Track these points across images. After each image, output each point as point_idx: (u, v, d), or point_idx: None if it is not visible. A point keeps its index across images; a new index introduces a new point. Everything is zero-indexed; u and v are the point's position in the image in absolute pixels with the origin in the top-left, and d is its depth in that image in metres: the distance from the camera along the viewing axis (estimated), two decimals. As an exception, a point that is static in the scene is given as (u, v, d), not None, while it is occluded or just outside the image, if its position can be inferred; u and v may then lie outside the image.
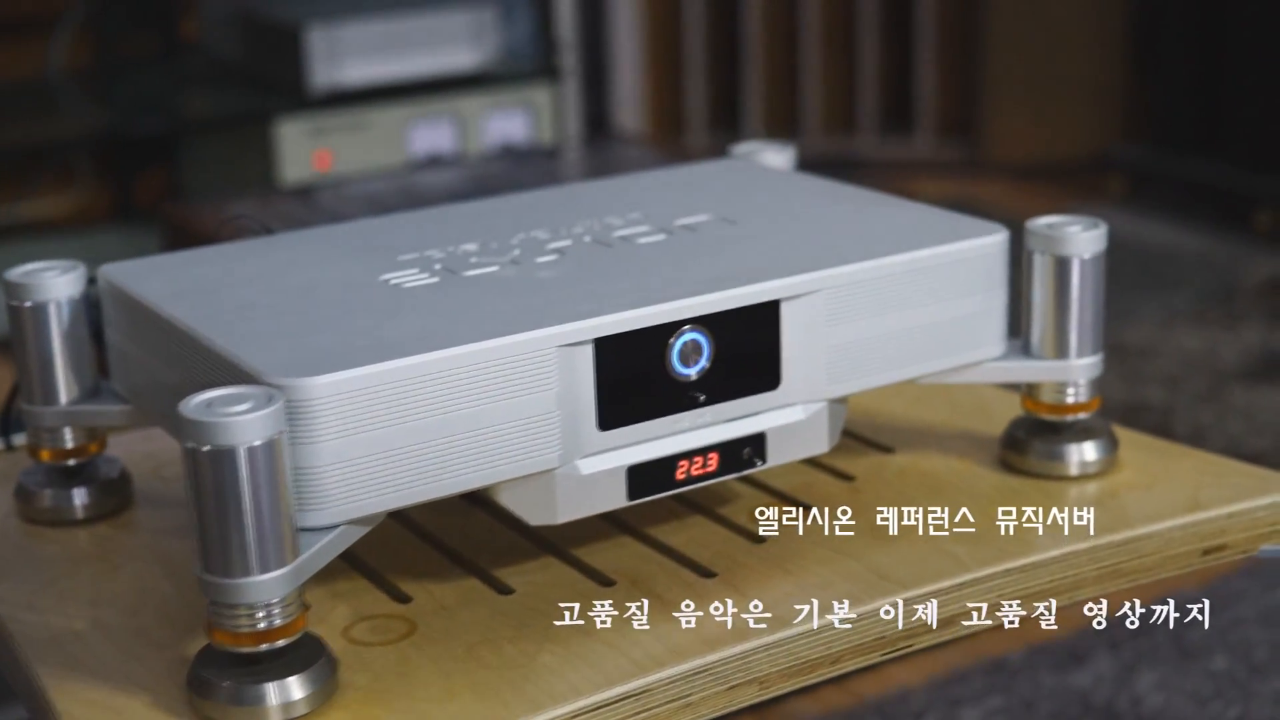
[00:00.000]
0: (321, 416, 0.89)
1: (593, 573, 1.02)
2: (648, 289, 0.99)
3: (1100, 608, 1.05)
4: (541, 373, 0.94)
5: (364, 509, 0.91)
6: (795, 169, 1.32)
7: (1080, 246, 1.09)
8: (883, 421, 1.22)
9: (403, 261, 1.07)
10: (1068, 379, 1.11)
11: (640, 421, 0.98)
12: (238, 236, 1.23)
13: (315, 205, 1.90)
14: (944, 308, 1.07)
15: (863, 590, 0.98)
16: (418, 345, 0.92)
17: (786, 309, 1.01)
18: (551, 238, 1.10)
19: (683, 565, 1.02)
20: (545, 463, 0.95)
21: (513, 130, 2.63)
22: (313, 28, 2.49)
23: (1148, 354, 2.97)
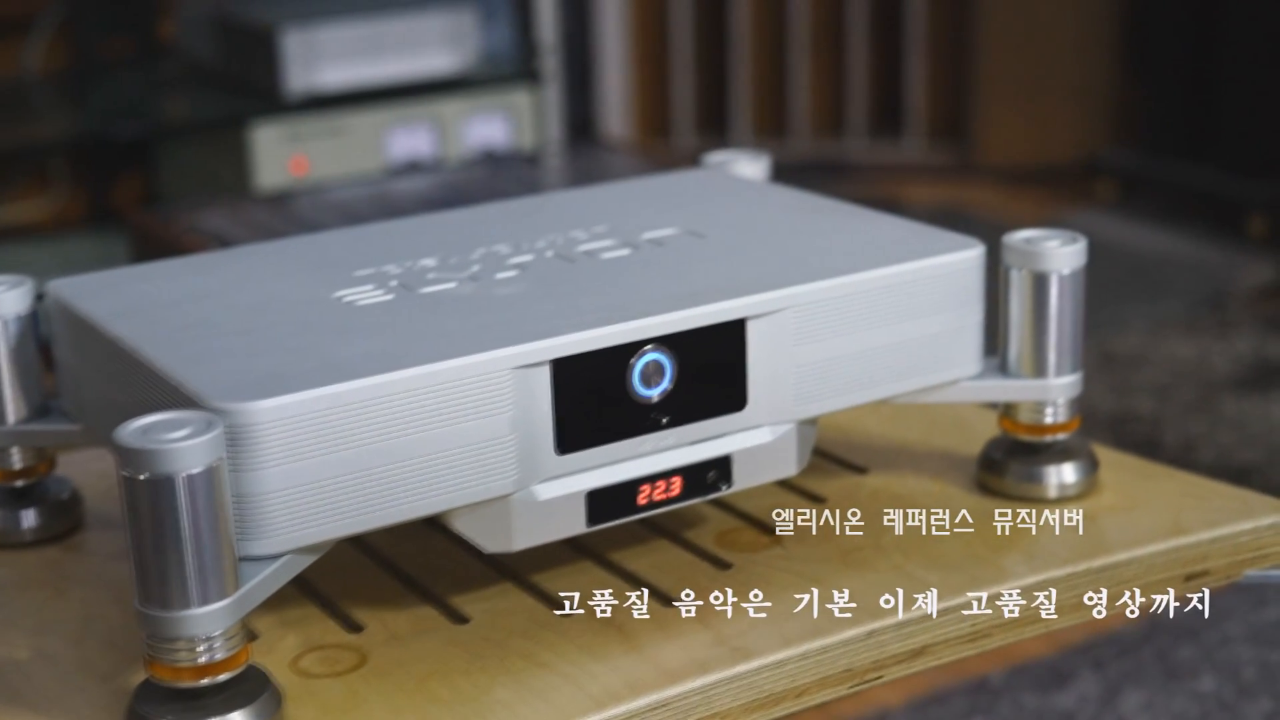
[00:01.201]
0: (265, 442, 0.86)
1: (551, 599, 0.99)
2: (608, 307, 0.96)
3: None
4: (496, 395, 0.91)
5: (310, 537, 0.88)
6: (770, 179, 1.29)
7: (1059, 262, 1.06)
8: (857, 440, 1.19)
9: (358, 277, 1.04)
10: (1046, 399, 1.08)
11: (600, 445, 0.95)
12: (195, 249, 1.20)
13: (287, 213, 1.87)
14: (917, 325, 1.03)
15: (829, 620, 0.95)
16: (366, 368, 0.89)
17: (753, 328, 0.98)
18: (513, 252, 1.07)
19: (644, 591, 0.99)
20: (500, 488, 0.92)
21: (493, 135, 2.59)
22: (288, 30, 2.46)
23: (1137, 363, 2.93)
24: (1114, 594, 1.02)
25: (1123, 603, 1.03)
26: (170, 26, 2.92)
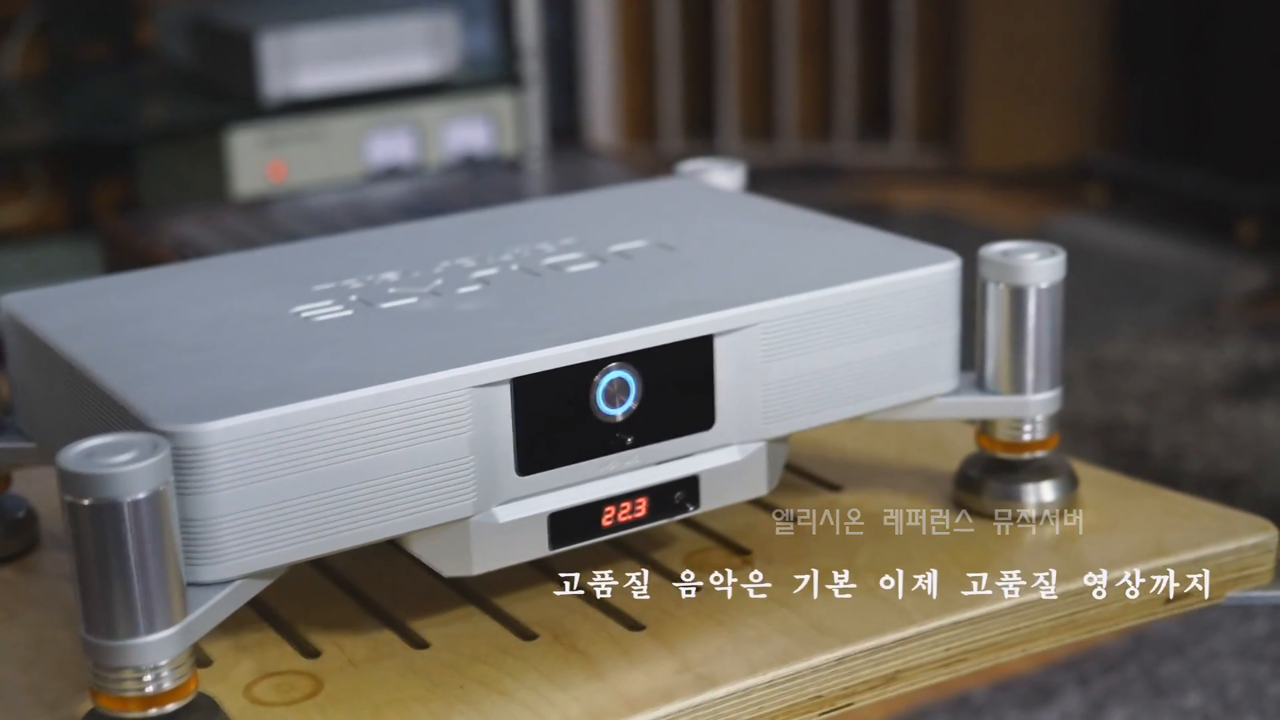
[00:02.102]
0: (214, 465, 0.83)
1: (514, 624, 0.96)
2: (572, 324, 0.93)
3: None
4: (454, 415, 0.88)
5: (262, 562, 0.86)
6: (746, 187, 1.26)
7: (1037, 275, 1.03)
8: (832, 456, 1.16)
9: (318, 292, 1.01)
10: (1024, 415, 1.05)
11: (562, 465, 0.92)
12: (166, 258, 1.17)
13: (262, 221, 1.84)
14: (891, 341, 1.01)
15: (799, 645, 0.92)
16: (320, 387, 0.86)
17: (721, 344, 0.95)
18: (477, 266, 1.04)
19: (610, 617, 0.96)
20: (459, 511, 0.90)
21: (474, 140, 2.57)
22: (266, 34, 2.43)
23: (1125, 370, 2.91)
24: (1093, 617, 1.00)
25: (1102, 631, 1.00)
26: (149, 30, 2.89)
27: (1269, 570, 1.05)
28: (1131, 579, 1.00)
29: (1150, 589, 1.01)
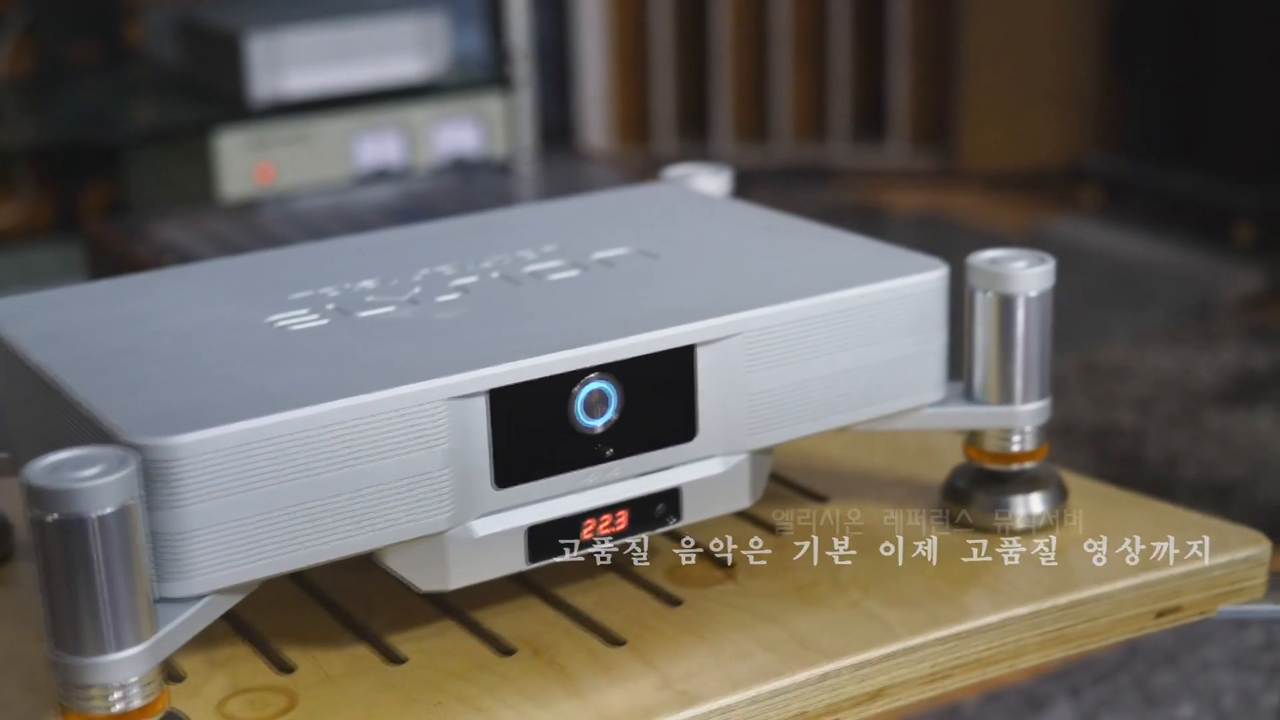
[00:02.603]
0: (185, 478, 0.81)
1: (492, 639, 0.94)
2: (551, 333, 0.92)
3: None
4: (430, 427, 0.86)
5: (233, 578, 0.84)
6: (733, 193, 1.25)
7: (1026, 284, 1.01)
8: (818, 465, 1.15)
9: (294, 300, 0.99)
10: (1012, 426, 1.03)
11: (541, 478, 0.91)
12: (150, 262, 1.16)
13: (247, 225, 1.83)
14: (877, 351, 0.99)
15: (782, 661, 0.91)
16: (292, 399, 0.84)
17: (703, 354, 0.93)
18: (457, 273, 1.03)
19: (590, 631, 0.95)
20: (435, 525, 0.88)
21: (464, 142, 2.55)
22: (253, 36, 2.41)
23: (1120, 374, 2.89)
24: (1082, 632, 0.98)
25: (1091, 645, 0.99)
26: (137, 30, 2.87)
27: (1262, 584, 1.03)
28: (1121, 593, 0.99)
29: (1140, 604, 0.99)
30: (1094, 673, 1.93)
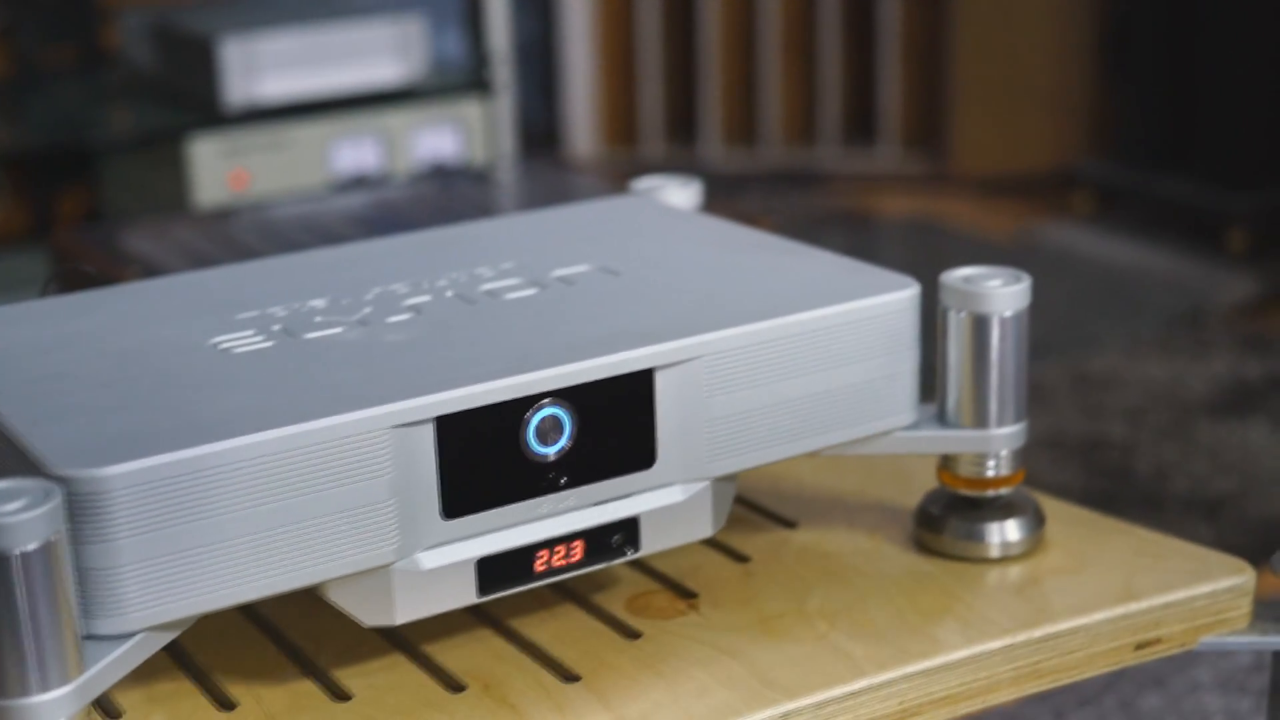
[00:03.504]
0: (115, 511, 0.78)
1: (442, 674, 0.91)
2: (502, 357, 0.88)
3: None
4: (374, 456, 0.83)
5: (166, 614, 0.80)
6: (701, 206, 1.21)
7: (1001, 303, 0.98)
8: (788, 490, 1.11)
9: (240, 321, 0.96)
10: (987, 450, 1.00)
11: (491, 508, 0.87)
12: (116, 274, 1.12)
13: (216, 235, 1.79)
14: (845, 373, 0.95)
15: (742, 699, 0.87)
16: (229, 428, 0.81)
17: (662, 378, 0.90)
18: (411, 292, 0.99)
19: (545, 666, 0.91)
20: (380, 557, 0.84)
21: (443, 148, 2.51)
22: (227, 40, 2.36)
23: (1111, 384, 2.85)
24: (1057, 666, 0.94)
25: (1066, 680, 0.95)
26: (114, 34, 2.83)
27: (1245, 614, 0.99)
28: (1099, 625, 0.95)
29: (1119, 636, 0.96)
30: (1079, 695, 1.89)
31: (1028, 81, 4.19)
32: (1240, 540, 2.09)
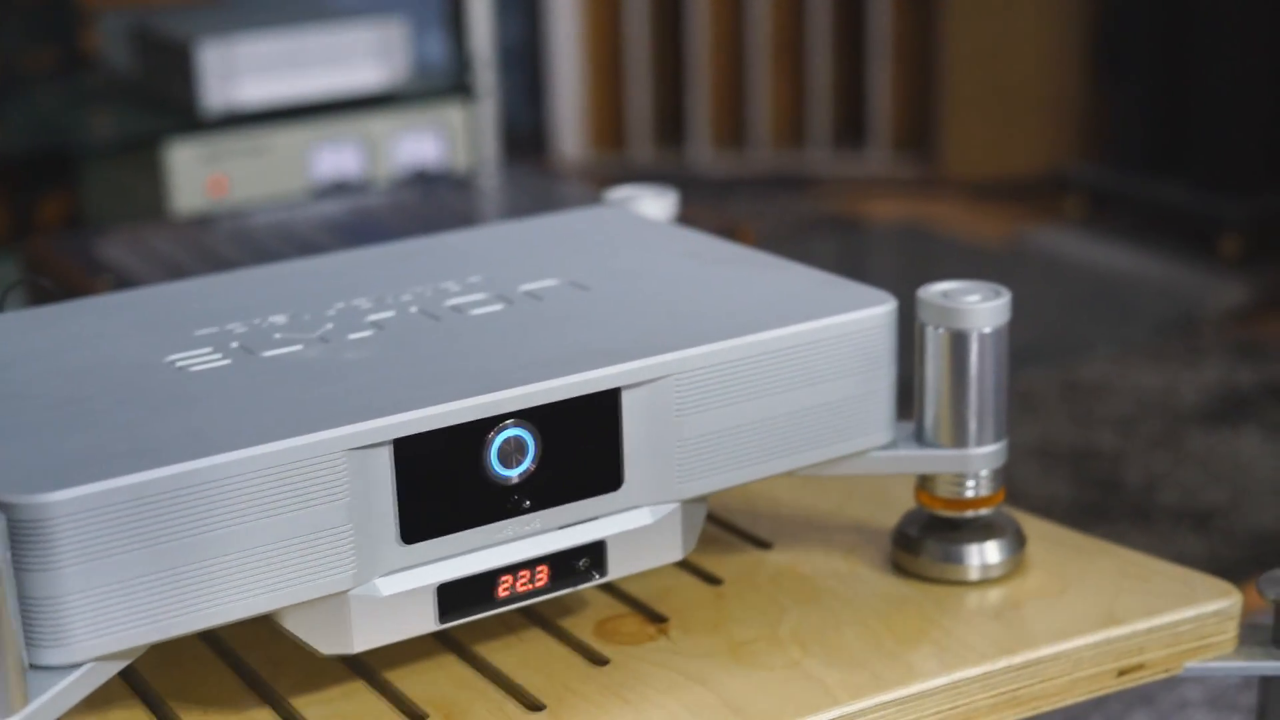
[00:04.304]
0: (59, 538, 0.76)
1: (402, 702, 0.88)
2: (464, 377, 0.85)
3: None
4: (329, 481, 0.80)
5: (114, 644, 0.78)
6: (676, 217, 1.18)
7: (980, 319, 0.95)
8: (763, 509, 1.08)
9: (199, 338, 0.93)
10: (966, 470, 0.97)
11: (451, 533, 0.85)
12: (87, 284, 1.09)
13: (191, 243, 1.76)
14: (819, 392, 0.93)
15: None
16: (180, 451, 0.78)
17: (629, 398, 0.87)
18: (374, 307, 0.97)
19: (509, 694, 0.88)
20: (336, 584, 0.82)
21: (425, 153, 2.48)
22: (205, 44, 2.34)
23: (1101, 392, 2.82)
24: (1037, 693, 0.92)
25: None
26: (94, 37, 2.81)
27: (1231, 639, 0.97)
28: (1080, 650, 0.92)
29: (1100, 661, 0.93)
30: (1067, 713, 1.86)
31: (1019, 85, 4.16)
32: (1230, 553, 2.06)
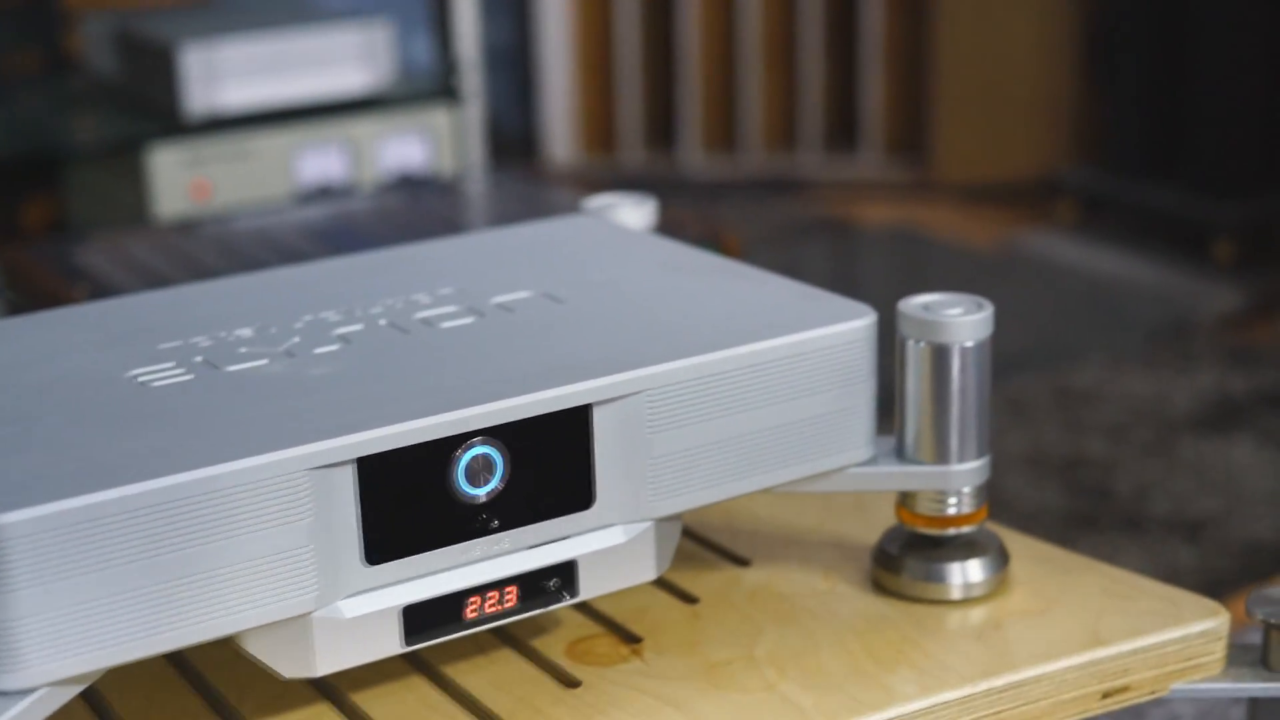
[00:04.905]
0: (12, 561, 0.74)
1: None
2: (431, 393, 0.83)
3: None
4: (291, 500, 0.78)
5: (70, 669, 0.76)
6: (656, 226, 1.16)
7: (962, 333, 0.93)
8: (742, 524, 1.06)
9: (162, 351, 0.91)
10: (947, 487, 0.95)
11: (417, 553, 0.83)
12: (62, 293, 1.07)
13: (169, 249, 1.74)
14: (796, 407, 0.90)
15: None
16: (137, 471, 0.76)
17: (600, 415, 0.85)
18: (343, 320, 0.94)
19: (478, 718, 0.86)
20: (298, 606, 0.80)
21: (411, 157, 2.46)
22: (188, 47, 2.31)
23: (1092, 400, 2.80)
24: (1018, 716, 0.90)
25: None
26: (77, 40, 2.78)
27: (1219, 659, 0.95)
28: (1063, 673, 0.90)
29: (1084, 684, 0.91)
30: None
31: (1011, 88, 4.14)
32: (1222, 564, 2.04)
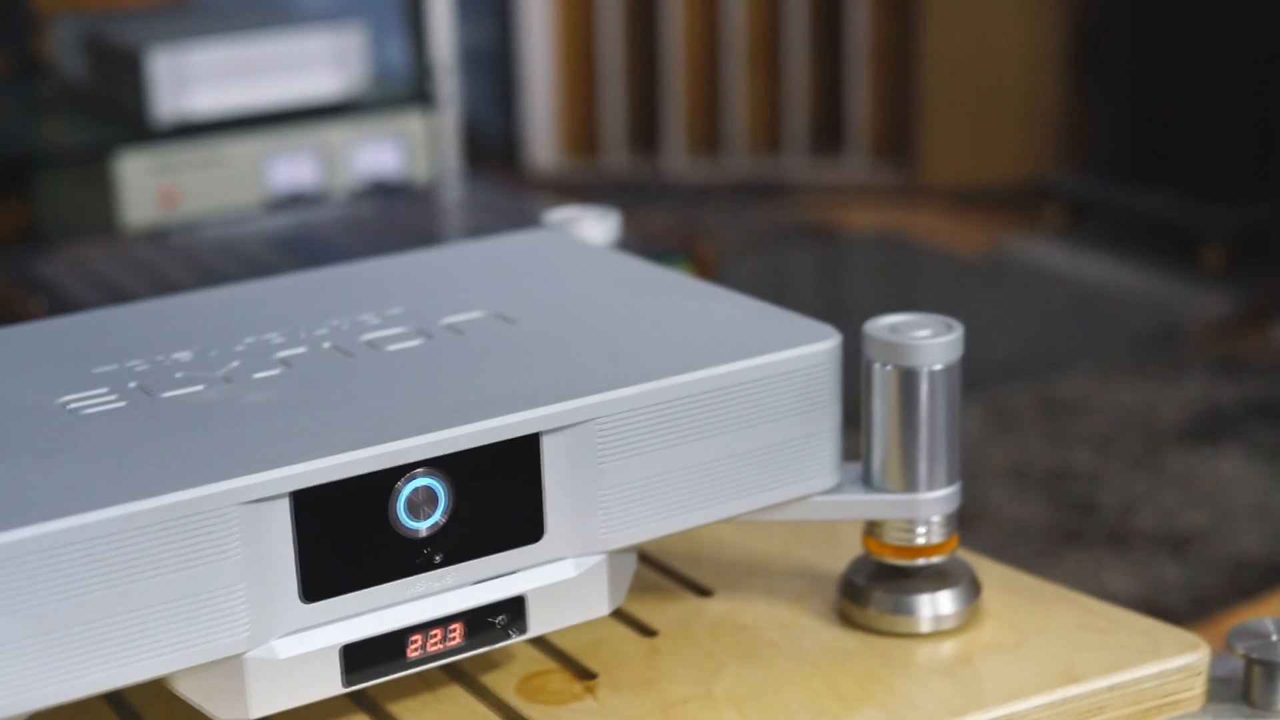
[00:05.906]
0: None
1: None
2: (371, 421, 0.80)
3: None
4: (220, 536, 0.74)
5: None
6: (620, 241, 1.13)
7: (930, 356, 0.89)
8: (706, 552, 1.03)
9: (96, 376, 0.87)
10: (916, 516, 0.91)
11: (357, 590, 0.79)
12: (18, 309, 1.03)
13: (132, 260, 1.70)
14: (756, 434, 0.87)
15: (636, 803, 0.79)
16: (57, 506, 0.72)
17: (549, 444, 0.81)
18: (286, 343, 0.91)
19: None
20: (230, 647, 0.76)
21: (385, 164, 2.42)
22: (156, 52, 2.27)
23: (1079, 410, 2.76)
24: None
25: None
26: (47, 43, 2.74)
27: (1199, 695, 0.91)
28: (1036, 711, 0.87)
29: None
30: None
31: (999, 91, 4.11)
32: (1209, 580, 2.01)
